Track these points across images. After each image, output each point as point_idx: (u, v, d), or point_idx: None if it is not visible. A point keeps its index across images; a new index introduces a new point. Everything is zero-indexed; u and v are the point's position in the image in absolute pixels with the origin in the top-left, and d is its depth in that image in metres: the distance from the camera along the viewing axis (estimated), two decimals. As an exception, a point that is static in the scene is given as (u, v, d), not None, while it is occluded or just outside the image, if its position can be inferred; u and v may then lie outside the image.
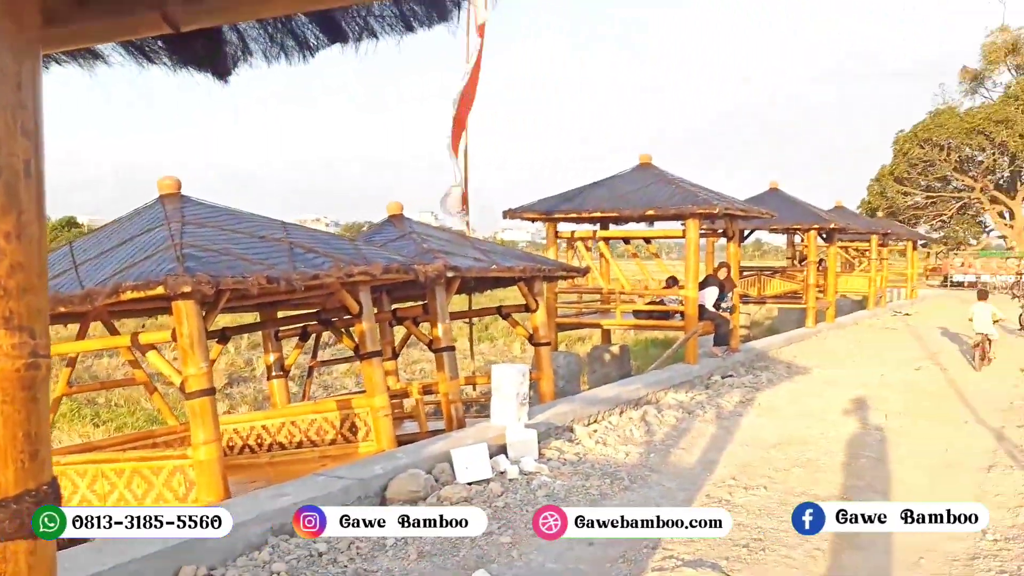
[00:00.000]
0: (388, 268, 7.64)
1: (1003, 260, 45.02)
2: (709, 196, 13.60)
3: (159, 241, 6.46)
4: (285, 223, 8.17)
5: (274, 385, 10.00)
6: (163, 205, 7.23)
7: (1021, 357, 15.72)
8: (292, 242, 7.32)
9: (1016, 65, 57.05)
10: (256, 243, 7.02)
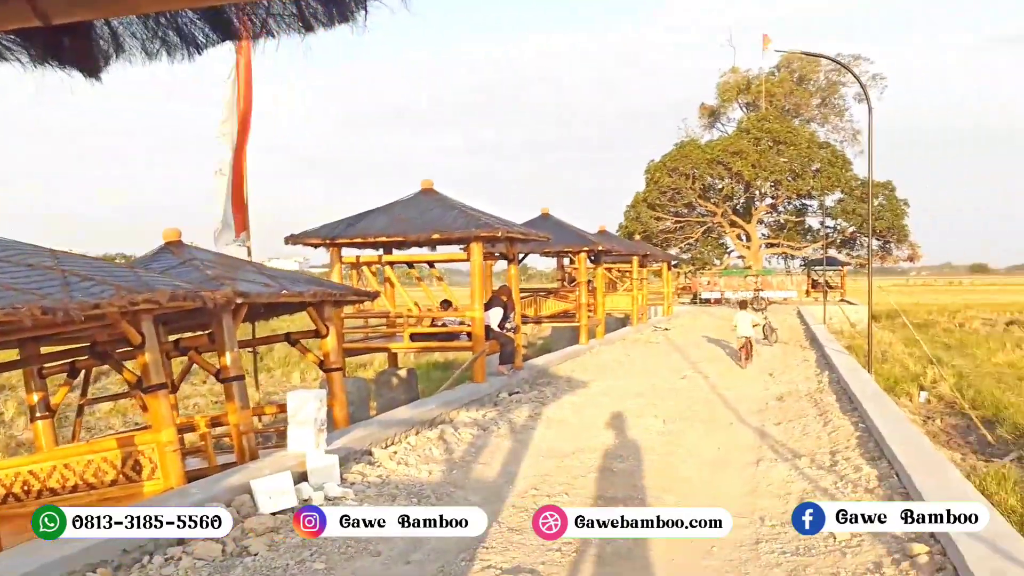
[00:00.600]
0: (175, 295, 7.21)
1: (743, 278, 49.97)
2: (491, 220, 14.06)
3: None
4: (54, 250, 7.49)
5: (39, 427, 9.03)
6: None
7: (767, 364, 17.58)
8: (65, 270, 6.73)
9: (746, 103, 64.19)
10: (24, 271, 6.39)
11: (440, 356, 25.46)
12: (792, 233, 59.23)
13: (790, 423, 10.66)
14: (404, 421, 10.14)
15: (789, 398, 12.90)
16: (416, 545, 6.00)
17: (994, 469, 10.46)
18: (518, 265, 16.91)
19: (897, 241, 55.01)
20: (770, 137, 55.10)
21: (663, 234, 58.55)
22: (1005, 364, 23.16)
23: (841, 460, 8.18)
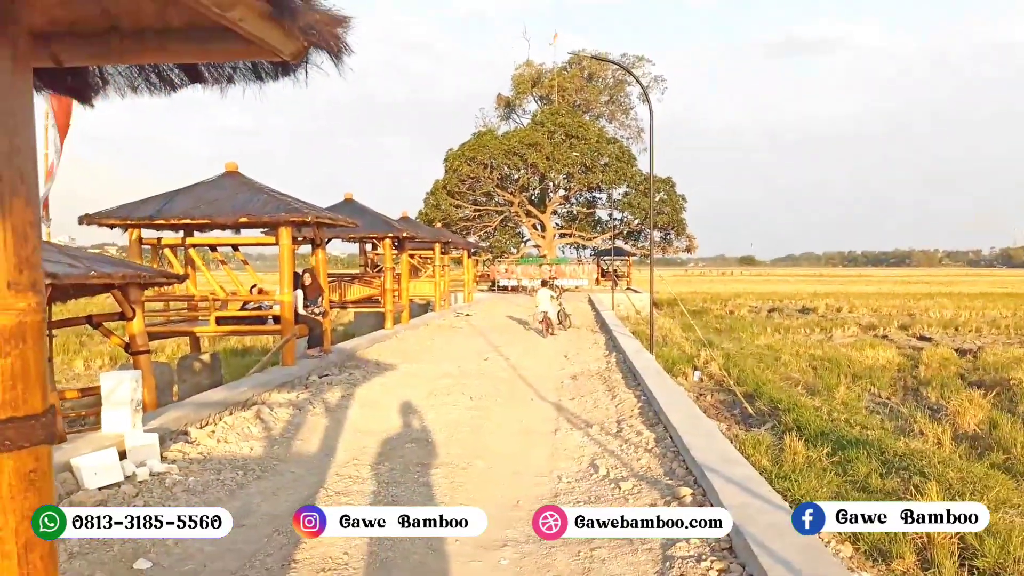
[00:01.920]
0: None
1: (538, 267, 52.25)
2: (300, 205, 14.26)
3: None
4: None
5: None
6: None
7: (562, 346, 18.96)
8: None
9: (540, 96, 66.90)
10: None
11: (237, 342, 25.06)
12: (583, 224, 62.42)
13: (583, 398, 11.84)
14: (218, 403, 10.28)
15: (582, 377, 14.16)
16: (248, 510, 6.40)
17: (751, 436, 12.18)
18: (324, 249, 17.12)
19: (676, 233, 59.46)
20: (563, 131, 57.78)
21: (462, 222, 59.79)
22: (765, 346, 26.20)
23: (626, 427, 9.36)
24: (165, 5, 1.78)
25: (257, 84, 2.09)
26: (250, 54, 1.89)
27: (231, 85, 2.10)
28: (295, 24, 1.67)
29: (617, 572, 5.00)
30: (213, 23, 1.64)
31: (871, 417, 14.17)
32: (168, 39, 1.90)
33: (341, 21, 1.79)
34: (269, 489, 7.05)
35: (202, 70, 2.08)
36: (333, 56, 1.84)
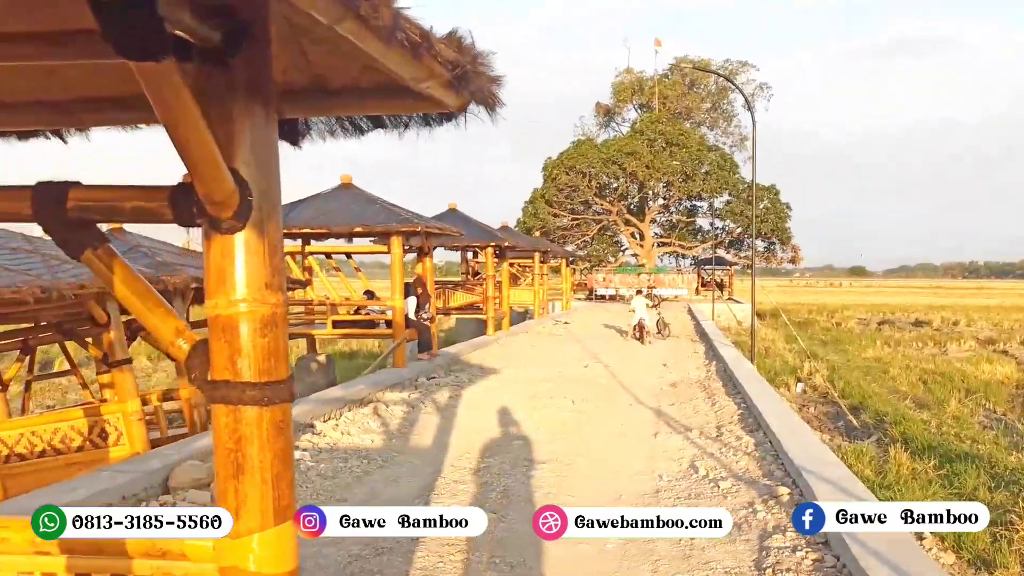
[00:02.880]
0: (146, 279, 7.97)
1: (636, 276, 52.20)
2: (410, 216, 15.05)
3: (-82, 251, 6.34)
4: (25, 235, 8.12)
5: (-10, 400, 9.55)
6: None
7: (660, 355, 19.21)
8: (44, 254, 7.42)
9: (640, 104, 66.79)
10: (9, 255, 7.06)
11: (346, 345, 26.22)
12: (683, 233, 61.89)
13: (682, 404, 12.14)
14: (338, 399, 11.07)
15: (681, 384, 14.42)
16: (374, 494, 7.05)
17: (854, 447, 12.21)
18: (431, 258, 17.90)
19: (781, 243, 58.31)
20: (663, 139, 57.51)
21: (560, 231, 60.15)
22: (873, 359, 25.67)
23: (725, 432, 9.65)
24: (363, 71, 2.33)
25: (427, 129, 2.63)
26: (425, 108, 2.42)
27: (407, 130, 2.65)
28: (466, 89, 2.19)
29: (716, 558, 5.39)
30: (400, 86, 2.18)
31: (984, 432, 13.90)
32: (363, 97, 2.46)
33: (497, 80, 2.31)
34: (391, 477, 7.71)
35: (385, 120, 2.63)
36: (489, 109, 2.37)
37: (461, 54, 2.03)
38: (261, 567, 2.04)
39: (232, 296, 1.98)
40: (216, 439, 2.04)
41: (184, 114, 1.71)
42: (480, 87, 2.27)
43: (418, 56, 1.87)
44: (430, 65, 1.95)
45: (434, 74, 2.07)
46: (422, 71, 2.03)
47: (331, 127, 2.72)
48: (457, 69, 2.15)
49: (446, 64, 1.98)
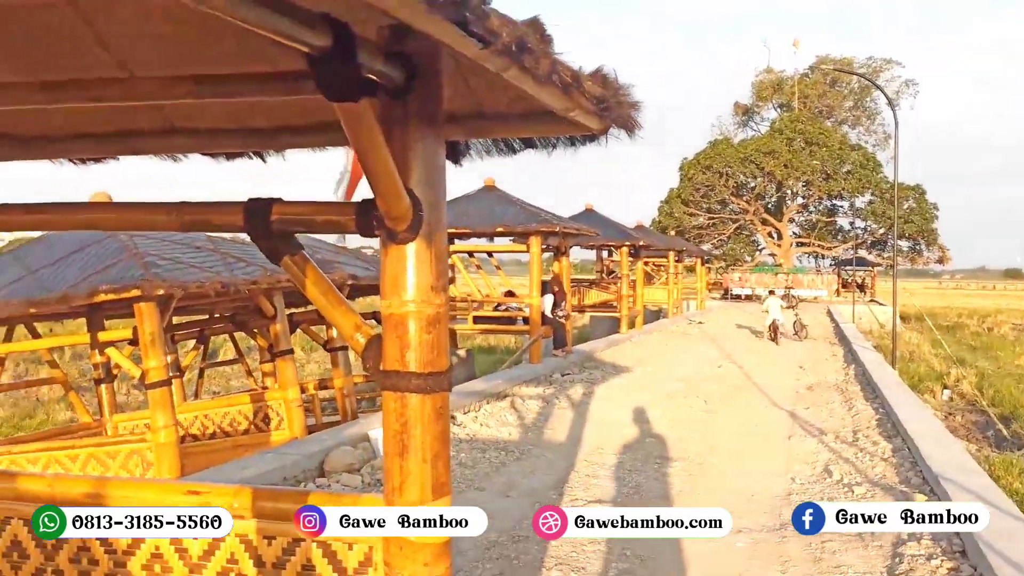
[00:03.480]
0: (306, 276, 8.64)
1: (774, 275, 50.79)
2: (549, 217, 15.44)
3: (115, 250, 7.18)
4: (209, 235, 8.95)
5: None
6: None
7: (797, 358, 18.80)
8: (223, 252, 8.18)
9: (780, 103, 64.92)
10: (195, 252, 7.85)
11: (483, 340, 26.89)
12: (823, 233, 59.86)
13: (818, 408, 11.93)
14: (477, 392, 11.54)
15: (818, 388, 14.12)
16: (511, 485, 7.41)
17: (1003, 458, 11.64)
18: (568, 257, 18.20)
19: (927, 244, 55.54)
20: (803, 138, 55.80)
21: (696, 230, 59.33)
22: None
23: (862, 437, 9.46)
24: (516, 99, 2.63)
25: (572, 148, 2.92)
26: (571, 131, 2.69)
27: (554, 149, 2.94)
28: (608, 116, 2.45)
29: (848, 562, 5.41)
30: (549, 112, 2.46)
31: None
32: (516, 122, 2.77)
33: (636, 106, 2.56)
34: (527, 469, 8.06)
35: (535, 141, 2.93)
36: (628, 132, 2.62)
37: (605, 89, 2.29)
38: (421, 536, 2.37)
39: (404, 297, 2.31)
40: (385, 421, 2.37)
41: (372, 143, 2.05)
42: (621, 113, 2.53)
43: (568, 93, 2.15)
44: (578, 100, 2.23)
45: (580, 105, 2.35)
46: (570, 104, 2.31)
47: (487, 147, 3.04)
48: (602, 103, 2.42)
49: (592, 98, 2.25)
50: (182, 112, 2.97)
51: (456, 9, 1.55)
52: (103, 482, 2.90)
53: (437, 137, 2.41)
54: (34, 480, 2.90)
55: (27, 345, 8.48)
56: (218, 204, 2.60)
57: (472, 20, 1.57)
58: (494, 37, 1.66)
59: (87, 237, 7.56)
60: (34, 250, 7.86)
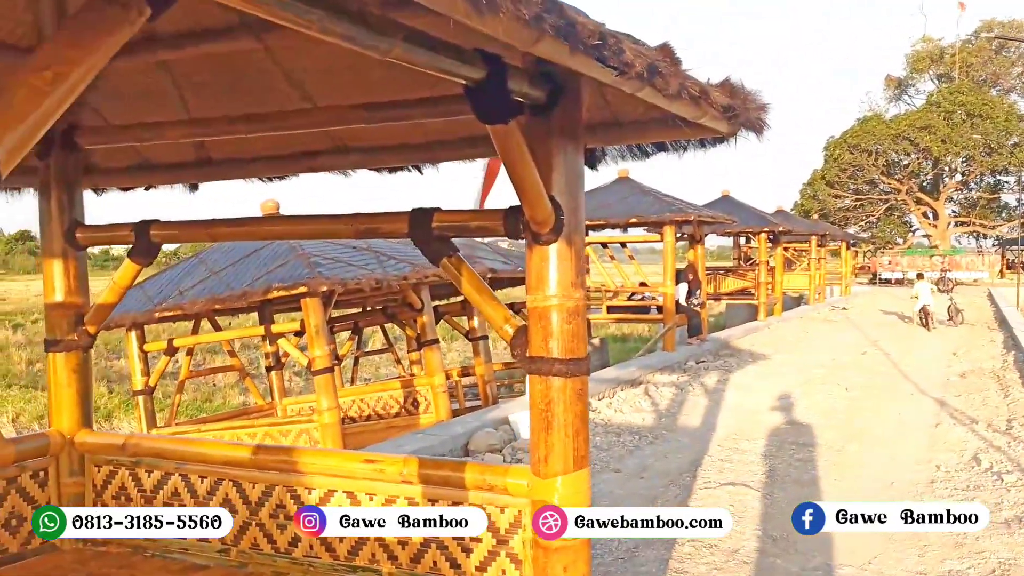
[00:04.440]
0: (449, 268, 9.16)
1: (928, 258, 48.22)
2: (684, 206, 15.46)
3: (285, 252, 7.91)
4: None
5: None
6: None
7: (951, 343, 17.98)
8: (376, 251, 8.80)
9: (938, 74, 61.20)
10: (352, 252, 8.49)
11: (617, 329, 27.01)
12: (985, 211, 56.16)
13: (970, 395, 11.47)
14: (611, 380, 11.81)
15: (971, 375, 13.52)
16: (645, 467, 7.66)
17: None
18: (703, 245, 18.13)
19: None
20: (963, 110, 52.41)
21: (841, 212, 56.97)
22: None
23: (1016, 425, 9.10)
24: (649, 108, 2.89)
25: (702, 150, 3.15)
26: (701, 135, 2.92)
27: (685, 152, 3.18)
28: (736, 120, 2.68)
29: (990, 548, 5.37)
30: (679, 119, 2.71)
31: None
32: (648, 128, 3.03)
33: (763, 108, 2.77)
34: (660, 452, 8.28)
35: (667, 145, 3.18)
36: (757, 133, 2.83)
37: (732, 98, 2.53)
38: (563, 502, 2.66)
39: (547, 292, 2.62)
40: (531, 402, 2.69)
41: (520, 157, 2.37)
42: (748, 118, 2.75)
43: (697, 104, 2.40)
44: (706, 109, 2.47)
45: (709, 113, 2.59)
46: (700, 112, 2.55)
47: (622, 152, 3.32)
48: (730, 110, 2.65)
49: (720, 107, 2.49)
50: (351, 133, 3.40)
51: (597, 49, 1.84)
52: (298, 451, 3.38)
53: (577, 148, 2.71)
54: (240, 448, 3.43)
55: (213, 337, 9.45)
56: (386, 214, 3.00)
57: (609, 56, 1.86)
58: (628, 68, 1.95)
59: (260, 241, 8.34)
60: (215, 253, 8.73)
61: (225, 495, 3.28)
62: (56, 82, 1.20)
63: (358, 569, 3.12)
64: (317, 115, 3.13)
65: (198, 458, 3.34)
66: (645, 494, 6.79)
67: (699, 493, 6.77)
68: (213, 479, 3.30)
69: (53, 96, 1.21)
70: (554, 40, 1.65)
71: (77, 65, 1.23)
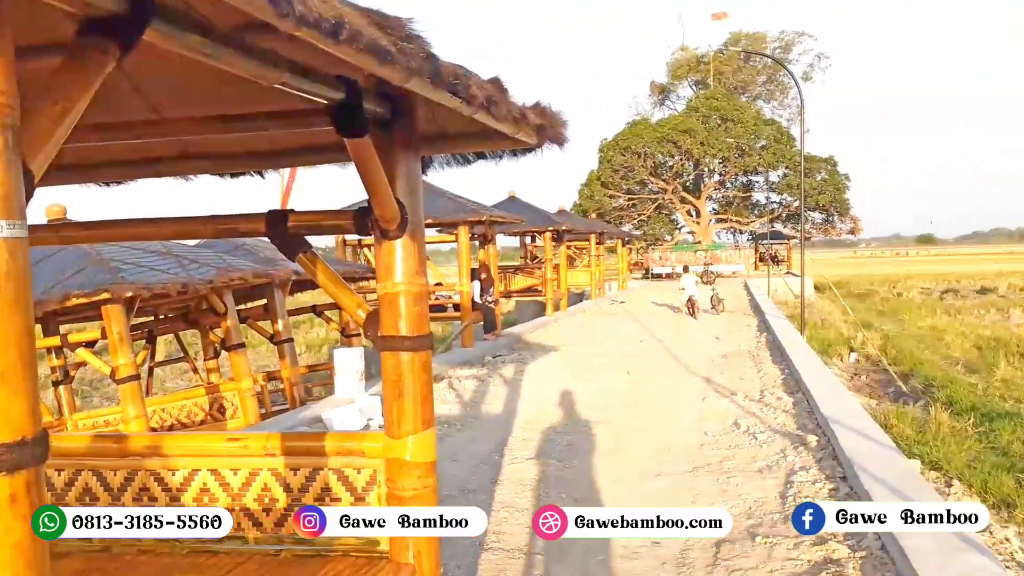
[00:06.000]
0: (257, 274, 9.27)
1: (693, 253, 52.61)
2: (476, 207, 16.21)
3: (79, 257, 7.68)
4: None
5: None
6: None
7: (714, 329, 20.09)
8: (177, 255, 8.73)
9: (696, 81, 66.88)
10: (153, 257, 8.39)
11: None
12: (740, 208, 61.83)
13: (731, 372, 13.08)
14: (416, 375, 12.25)
15: (732, 355, 15.31)
16: (456, 451, 8.22)
17: (896, 408, 12.95)
18: (495, 244, 19.05)
19: (839, 215, 58.06)
20: (718, 115, 57.58)
21: (616, 211, 60.58)
22: (928, 327, 26.06)
23: (767, 394, 10.60)
24: (472, 123, 3.41)
25: (514, 158, 3.73)
26: (514, 146, 3.50)
27: (500, 159, 3.74)
28: (545, 135, 3.27)
29: (748, 491, 6.41)
30: (498, 133, 3.26)
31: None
32: (470, 140, 3.55)
33: (565, 125, 3.39)
34: (469, 438, 8.89)
35: (486, 154, 3.72)
36: (559, 145, 3.44)
37: (543, 118, 3.11)
38: (414, 457, 3.12)
39: (395, 280, 3.08)
40: (384, 374, 3.13)
41: (372, 165, 2.81)
42: (554, 133, 3.35)
43: (517, 123, 2.95)
44: (523, 126, 3.03)
45: (524, 130, 3.15)
46: (517, 129, 3.11)
47: (447, 160, 3.82)
48: (540, 127, 3.24)
49: (533, 125, 3.06)
50: (199, 141, 3.65)
51: (453, 86, 2.34)
52: (161, 437, 3.60)
53: (416, 156, 3.20)
54: (109, 440, 3.59)
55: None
56: (244, 216, 3.32)
57: (460, 89, 2.36)
58: (472, 98, 2.46)
59: (50, 247, 8.01)
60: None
61: (85, 485, 3.44)
62: (63, 115, 1.53)
63: (224, 540, 3.40)
64: (167, 126, 3.37)
65: (56, 451, 3.47)
66: (459, 474, 7.35)
67: (507, 469, 7.43)
68: (71, 471, 3.45)
69: (63, 126, 1.53)
70: (421, 80, 2.12)
71: (75, 101, 1.56)
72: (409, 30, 1.95)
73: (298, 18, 1.48)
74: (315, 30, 1.55)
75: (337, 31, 1.61)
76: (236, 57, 1.99)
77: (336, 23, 1.60)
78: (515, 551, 5.39)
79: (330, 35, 1.60)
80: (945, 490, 7.11)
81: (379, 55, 1.79)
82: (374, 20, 1.80)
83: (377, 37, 1.77)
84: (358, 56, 1.75)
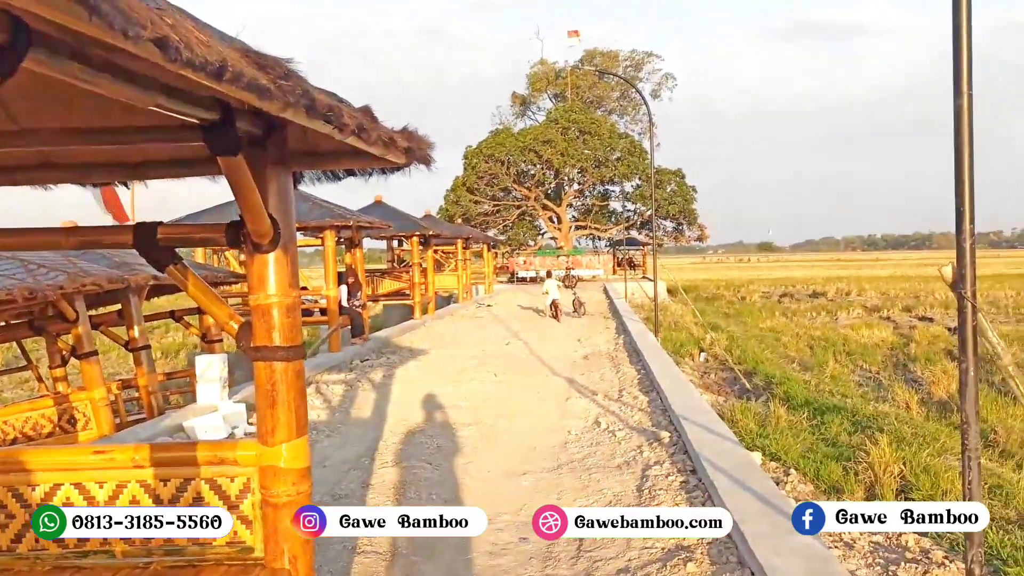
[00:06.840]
0: (112, 279, 8.95)
1: (555, 258, 53.84)
2: (343, 212, 16.12)
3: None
4: None
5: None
6: None
7: (575, 332, 20.73)
8: (22, 259, 8.31)
9: (555, 94, 68.61)
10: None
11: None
12: (598, 216, 64.03)
13: (592, 373, 13.62)
14: (282, 382, 12.10)
15: (592, 357, 15.91)
16: (326, 457, 8.24)
17: (741, 404, 13.86)
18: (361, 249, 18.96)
19: (688, 223, 61.03)
20: (576, 127, 59.48)
21: (481, 216, 61.32)
22: (768, 329, 27.87)
23: (625, 394, 11.14)
24: (342, 144, 3.55)
25: (383, 177, 3.88)
26: (383, 165, 3.65)
27: (371, 177, 3.89)
28: (412, 156, 3.45)
29: (608, 486, 6.80)
30: (368, 154, 3.41)
31: (855, 389, 15.83)
32: (341, 158, 3.68)
33: (431, 146, 3.57)
34: (338, 443, 8.90)
35: (356, 172, 3.86)
36: (426, 165, 3.63)
37: (411, 142, 3.28)
38: (289, 464, 3.22)
39: (268, 292, 3.18)
40: (257, 383, 3.21)
41: (245, 182, 2.91)
42: (421, 154, 3.53)
43: (386, 146, 3.11)
44: (391, 149, 3.20)
45: (392, 152, 3.32)
46: (386, 151, 3.27)
47: (318, 176, 3.93)
48: (408, 149, 3.41)
49: (402, 148, 3.23)
50: (62, 151, 3.61)
51: (326, 115, 2.49)
52: (19, 451, 3.52)
53: (287, 173, 3.31)
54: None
55: None
56: (110, 227, 3.34)
57: (334, 119, 2.51)
58: (344, 127, 2.61)
59: None
60: None
61: (-60, 502, 3.34)
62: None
63: (89, 554, 3.39)
64: (28, 136, 3.32)
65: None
66: (330, 479, 7.39)
67: (378, 472, 7.52)
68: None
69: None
70: (296, 110, 2.26)
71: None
72: (287, 69, 2.08)
73: (185, 62, 1.61)
74: (201, 72, 1.68)
75: (221, 73, 1.73)
76: (113, 82, 2.06)
77: (220, 66, 1.73)
78: (387, 553, 5.52)
79: (215, 76, 1.73)
80: (784, 479, 7.73)
81: (259, 92, 1.93)
82: (254, 60, 1.93)
83: (257, 76, 1.90)
84: (240, 92, 1.88)
